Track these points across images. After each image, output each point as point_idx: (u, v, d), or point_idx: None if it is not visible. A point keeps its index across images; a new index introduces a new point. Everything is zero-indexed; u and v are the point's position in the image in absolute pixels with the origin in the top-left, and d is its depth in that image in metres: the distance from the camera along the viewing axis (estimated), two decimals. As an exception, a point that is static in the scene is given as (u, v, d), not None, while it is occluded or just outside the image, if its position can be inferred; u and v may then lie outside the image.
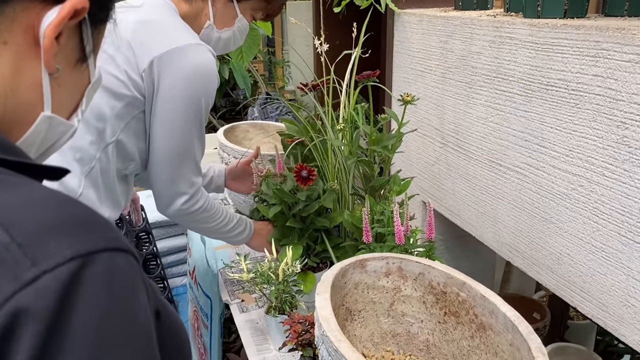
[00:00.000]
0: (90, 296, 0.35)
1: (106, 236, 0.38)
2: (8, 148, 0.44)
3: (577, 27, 0.96)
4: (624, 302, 0.94)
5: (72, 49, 0.50)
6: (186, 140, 1.15)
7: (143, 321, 0.39)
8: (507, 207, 1.22)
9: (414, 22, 1.50)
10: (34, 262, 0.34)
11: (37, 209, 0.37)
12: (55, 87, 0.49)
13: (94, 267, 0.35)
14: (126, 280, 0.38)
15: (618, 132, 0.91)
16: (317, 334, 0.82)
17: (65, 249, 0.35)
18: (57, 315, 0.33)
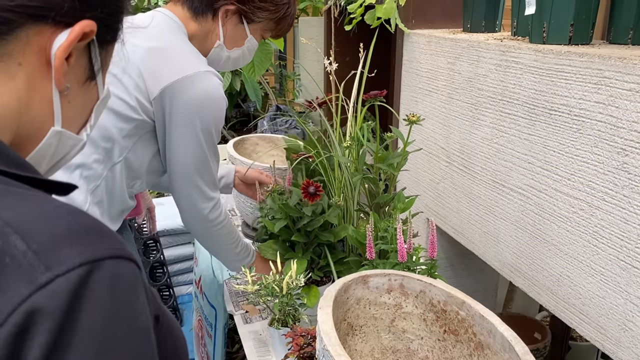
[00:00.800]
0: (97, 298, 0.38)
1: (111, 245, 0.41)
2: (21, 165, 0.47)
3: (580, 54, 0.98)
4: (621, 326, 0.96)
5: (81, 68, 0.53)
6: (200, 161, 1.19)
7: (143, 322, 0.42)
8: (509, 228, 1.24)
9: (423, 42, 1.53)
10: (48, 268, 0.37)
11: (50, 220, 0.40)
12: (65, 103, 0.52)
13: (100, 273, 0.39)
14: (129, 285, 0.41)
15: (618, 159, 0.93)
16: (318, 347, 0.84)
17: (75, 256, 0.38)
18: (68, 314, 0.36)
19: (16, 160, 0.47)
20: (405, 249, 1.09)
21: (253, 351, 1.25)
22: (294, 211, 1.28)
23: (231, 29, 1.25)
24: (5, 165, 0.45)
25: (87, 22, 0.49)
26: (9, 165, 0.45)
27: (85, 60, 0.53)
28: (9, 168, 0.45)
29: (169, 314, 0.54)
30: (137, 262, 0.44)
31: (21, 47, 0.47)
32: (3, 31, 0.46)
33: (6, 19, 0.45)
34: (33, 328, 0.35)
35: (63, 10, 0.48)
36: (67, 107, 0.52)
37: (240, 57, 1.32)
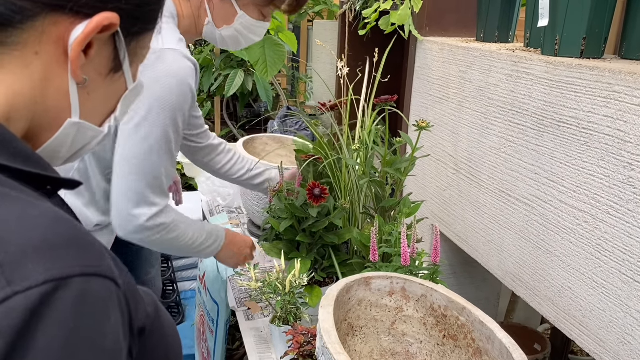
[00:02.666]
0: (57, 317, 0.36)
1: (86, 262, 0.39)
2: (29, 158, 0.46)
3: (591, 68, 0.99)
4: (620, 339, 0.96)
5: (104, 60, 0.51)
6: (146, 152, 1.06)
7: (110, 344, 0.40)
8: (513, 237, 1.24)
9: (436, 50, 1.54)
10: (9, 283, 0.35)
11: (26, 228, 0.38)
12: (84, 95, 0.51)
13: (65, 291, 0.37)
14: (97, 305, 0.39)
15: (624, 173, 0.93)
16: (318, 345, 0.85)
17: (41, 272, 0.36)
18: (21, 334, 0.34)
19: (23, 153, 0.46)
20: (409, 253, 1.10)
21: (254, 348, 1.26)
22: (300, 212, 1.29)
23: (217, 5, 1.18)
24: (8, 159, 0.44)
25: (107, 15, 0.48)
26: (13, 159, 0.44)
27: (109, 51, 0.51)
28: (13, 162, 0.44)
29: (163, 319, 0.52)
30: (115, 279, 0.41)
31: (37, 36, 0.46)
32: (18, 20, 0.45)
33: (22, 8, 0.45)
34: None
35: (82, 1, 0.47)
36: (86, 98, 0.51)
37: (235, 36, 1.23)
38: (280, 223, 1.29)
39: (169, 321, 0.55)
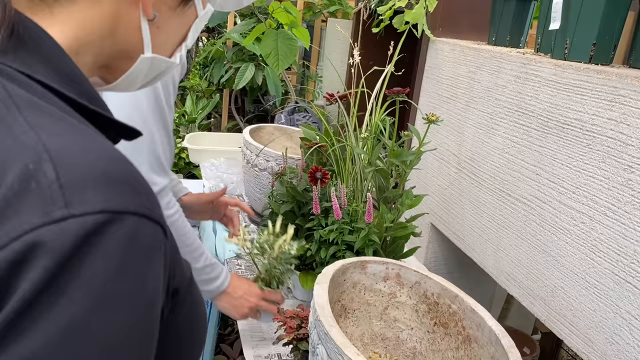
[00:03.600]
0: (106, 250, 0.36)
1: (142, 202, 0.39)
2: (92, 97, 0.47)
3: (598, 71, 1.01)
4: (609, 339, 0.97)
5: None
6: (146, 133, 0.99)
7: (150, 287, 0.39)
8: (510, 237, 1.26)
9: (447, 50, 1.56)
10: (67, 204, 0.35)
11: (91, 158, 0.38)
12: (155, 29, 0.52)
13: (118, 226, 0.37)
14: (145, 248, 0.39)
15: (624, 175, 0.95)
16: (311, 319, 0.87)
17: (99, 201, 0.36)
18: (70, 258, 0.34)
19: (90, 93, 0.46)
20: None
21: (246, 328, 1.27)
22: (301, 195, 1.30)
23: None
24: (76, 93, 0.44)
25: None
26: (79, 95, 0.45)
27: None
28: (78, 97, 0.44)
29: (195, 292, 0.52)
30: (164, 227, 0.41)
31: None
32: None
33: None
34: (31, 261, 0.34)
35: None
36: (156, 32, 0.52)
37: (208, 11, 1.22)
38: (281, 206, 1.31)
39: (201, 297, 0.54)
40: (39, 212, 0.35)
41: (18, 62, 0.42)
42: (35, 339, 0.34)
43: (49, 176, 0.36)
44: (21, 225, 0.34)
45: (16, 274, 0.34)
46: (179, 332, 0.49)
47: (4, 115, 0.39)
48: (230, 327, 2.16)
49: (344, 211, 1.21)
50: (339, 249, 1.24)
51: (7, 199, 0.35)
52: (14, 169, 0.36)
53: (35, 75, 0.42)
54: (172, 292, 0.46)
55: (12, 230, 0.34)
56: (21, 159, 0.36)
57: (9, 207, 0.35)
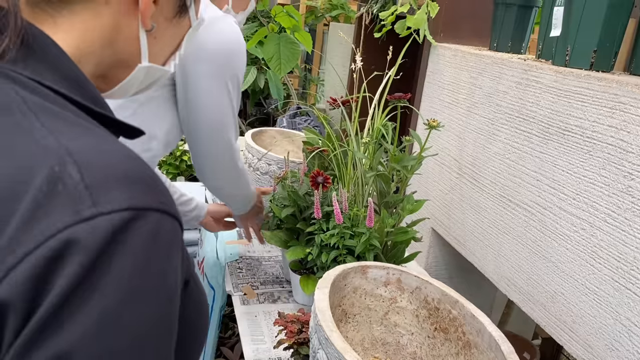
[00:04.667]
0: (133, 245, 0.38)
1: (161, 199, 0.41)
2: (97, 100, 0.48)
3: (599, 78, 1.01)
4: (608, 346, 0.98)
5: (170, 6, 0.55)
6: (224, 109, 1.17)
7: (171, 281, 0.42)
8: (511, 242, 1.26)
9: (449, 55, 1.57)
10: (95, 203, 0.37)
11: (111, 159, 0.41)
12: (152, 39, 0.54)
13: (143, 222, 0.39)
14: (167, 242, 0.41)
15: (624, 182, 0.95)
16: (312, 324, 0.87)
17: (124, 199, 0.38)
18: (102, 253, 0.36)
19: (94, 96, 0.48)
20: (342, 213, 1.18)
21: (247, 330, 1.28)
22: (302, 199, 1.31)
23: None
24: (81, 97, 0.46)
25: None
26: (85, 98, 0.47)
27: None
28: (84, 100, 0.46)
29: (199, 282, 0.54)
30: (181, 222, 0.43)
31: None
32: None
33: None
34: (67, 257, 0.36)
35: None
36: (153, 43, 0.55)
37: (242, 21, 1.32)
38: (282, 209, 1.31)
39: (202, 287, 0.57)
40: (70, 212, 0.37)
41: (28, 70, 0.44)
42: (73, 332, 0.36)
43: (74, 177, 0.38)
44: (55, 224, 0.36)
45: (53, 270, 0.35)
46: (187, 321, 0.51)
47: (21, 121, 0.40)
48: (230, 330, 2.16)
49: (345, 216, 1.22)
50: (340, 253, 1.25)
51: (37, 200, 0.37)
52: (41, 172, 0.38)
53: (45, 81, 0.44)
54: (183, 282, 0.48)
55: (47, 229, 0.36)
56: (46, 162, 0.38)
57: (40, 208, 0.37)
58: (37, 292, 0.35)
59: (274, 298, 1.44)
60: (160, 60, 0.58)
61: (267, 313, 1.36)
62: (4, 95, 0.41)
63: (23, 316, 0.35)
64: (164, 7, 0.54)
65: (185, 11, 0.57)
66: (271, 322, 1.31)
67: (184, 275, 0.47)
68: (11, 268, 0.35)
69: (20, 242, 0.36)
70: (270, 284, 1.50)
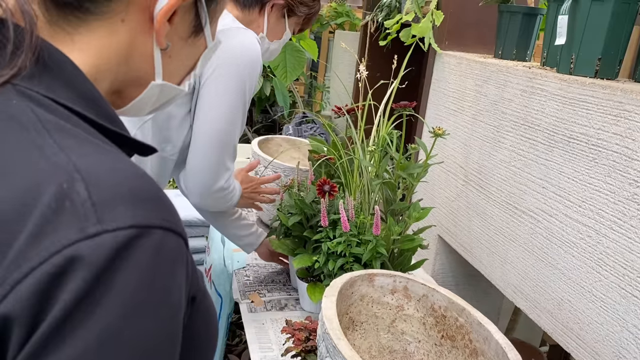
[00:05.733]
0: (136, 262, 0.38)
1: (166, 217, 0.42)
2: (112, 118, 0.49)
3: (604, 86, 1.02)
4: (616, 353, 0.98)
5: (185, 25, 0.54)
6: (230, 123, 1.18)
7: (175, 299, 0.42)
8: (517, 250, 1.27)
9: (454, 63, 1.58)
10: (100, 221, 0.38)
11: (118, 178, 0.41)
12: (166, 58, 0.55)
13: (146, 240, 0.39)
14: (171, 259, 0.41)
15: (630, 190, 0.96)
16: (319, 332, 0.88)
17: (128, 217, 0.39)
18: (105, 270, 0.37)
19: (109, 114, 0.49)
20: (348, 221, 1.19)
21: (255, 338, 1.28)
22: (309, 208, 1.32)
23: (274, 22, 1.29)
24: (95, 115, 0.47)
25: None
26: (99, 116, 0.47)
27: (191, 16, 0.54)
28: (98, 118, 0.47)
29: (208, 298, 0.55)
30: (186, 239, 0.44)
31: (125, 5, 0.49)
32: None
33: None
34: (70, 273, 0.36)
35: None
36: (167, 61, 0.55)
37: (276, 49, 1.35)
38: (289, 218, 1.32)
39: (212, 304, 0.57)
40: (75, 229, 0.37)
41: (44, 87, 0.45)
42: (75, 347, 0.36)
43: (81, 195, 0.38)
44: (60, 240, 0.37)
45: (57, 285, 0.36)
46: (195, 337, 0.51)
47: (35, 138, 0.41)
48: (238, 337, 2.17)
49: (351, 223, 1.22)
50: (346, 261, 1.25)
51: (45, 216, 0.38)
52: (50, 189, 0.38)
53: (60, 99, 0.45)
54: (190, 298, 0.48)
55: (52, 245, 0.37)
56: (55, 179, 0.39)
57: (48, 224, 0.37)
58: (41, 307, 0.36)
59: (281, 305, 1.45)
60: (175, 79, 0.59)
61: (275, 321, 1.37)
62: (20, 114, 0.42)
63: (27, 330, 0.36)
64: (179, 26, 0.54)
65: (201, 31, 0.57)
66: (279, 329, 1.31)
67: (191, 291, 0.47)
68: (17, 283, 0.36)
69: (26, 258, 0.36)
70: (278, 292, 1.51)
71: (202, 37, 0.58)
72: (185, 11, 0.53)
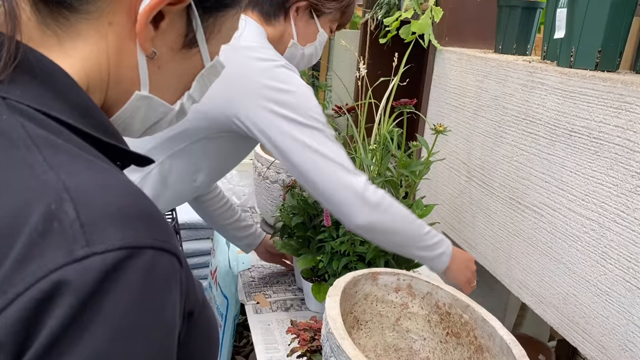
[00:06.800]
0: (127, 284, 0.37)
1: (158, 236, 0.41)
2: (108, 131, 0.47)
3: (604, 79, 1.01)
4: (622, 346, 0.97)
5: (175, 34, 0.51)
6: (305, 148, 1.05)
7: (167, 318, 0.41)
8: (521, 245, 1.26)
9: (454, 59, 1.57)
10: (88, 243, 0.37)
11: (109, 196, 0.40)
12: (154, 68, 0.51)
13: (137, 260, 0.38)
14: (163, 279, 0.40)
15: (632, 182, 0.95)
16: (324, 332, 0.88)
17: (118, 239, 0.38)
18: (93, 294, 0.36)
19: (104, 124, 0.47)
20: None
21: (261, 339, 1.29)
22: (311, 208, 1.32)
23: (303, 26, 1.24)
24: (89, 126, 0.45)
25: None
26: (94, 129, 0.46)
27: (181, 24, 0.51)
28: (92, 130, 0.45)
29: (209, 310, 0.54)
30: (180, 258, 0.43)
31: (113, 6, 0.47)
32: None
33: None
34: (57, 299, 0.35)
35: None
36: (156, 72, 0.52)
37: (313, 53, 1.30)
38: (292, 218, 1.32)
39: (213, 315, 0.56)
40: (63, 251, 0.36)
41: (35, 100, 0.43)
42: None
43: (70, 215, 0.37)
44: (46, 264, 0.36)
45: (43, 311, 0.35)
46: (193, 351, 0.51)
47: (25, 155, 0.40)
48: (245, 339, 2.17)
49: None
50: (350, 260, 1.25)
51: (32, 239, 0.37)
52: (38, 210, 0.38)
53: (52, 112, 0.44)
54: (187, 314, 0.47)
55: (38, 269, 0.36)
56: (44, 199, 0.38)
57: (35, 247, 0.37)
58: (27, 333, 0.35)
59: (287, 306, 1.45)
60: (166, 95, 0.55)
61: (280, 321, 1.37)
62: (11, 130, 0.41)
63: (13, 357, 0.35)
64: (168, 34, 0.51)
65: (195, 46, 0.53)
66: (284, 330, 1.32)
67: (187, 308, 0.47)
68: (2, 309, 0.35)
69: (12, 283, 0.36)
70: (283, 292, 1.51)
71: (196, 53, 0.55)
72: (175, 18, 0.50)
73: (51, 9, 0.46)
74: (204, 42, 0.54)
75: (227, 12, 0.55)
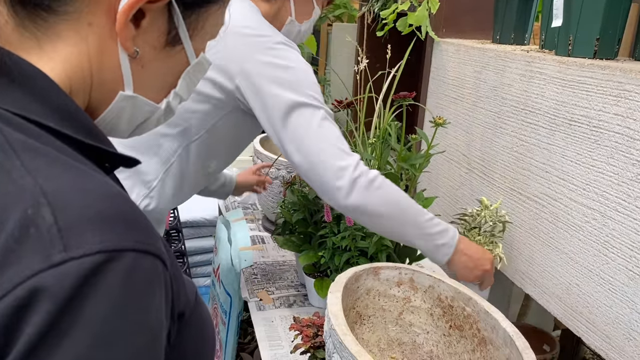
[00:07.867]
0: (106, 288, 0.37)
1: (139, 238, 0.40)
2: (90, 131, 0.46)
3: (602, 67, 1.01)
4: (626, 335, 0.97)
5: (157, 32, 0.50)
6: None
7: (152, 321, 0.40)
8: (523, 235, 1.26)
9: (452, 51, 1.57)
10: (66, 248, 0.36)
11: (88, 199, 0.39)
12: (138, 68, 0.50)
13: (117, 264, 0.37)
14: (145, 281, 0.39)
15: (633, 170, 0.94)
16: (326, 328, 0.88)
17: (96, 242, 0.37)
18: (70, 300, 0.35)
19: (87, 126, 0.46)
20: None
21: (264, 336, 1.29)
22: (312, 204, 1.32)
23: (300, 2, 1.23)
24: (72, 130, 0.45)
25: None
26: (76, 131, 0.45)
27: (163, 23, 0.50)
28: (75, 134, 0.45)
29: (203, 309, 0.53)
30: (164, 259, 0.42)
31: (92, 7, 0.46)
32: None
33: None
34: (34, 305, 0.35)
35: None
36: (139, 71, 0.51)
37: (307, 30, 1.29)
38: (293, 214, 1.32)
39: (207, 313, 0.55)
40: (39, 257, 0.36)
41: (13, 104, 0.43)
42: None
43: (47, 220, 0.37)
44: (23, 271, 0.35)
45: (20, 319, 0.35)
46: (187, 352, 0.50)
47: (2, 160, 0.39)
48: (249, 335, 2.17)
49: None
50: (352, 255, 1.25)
51: (8, 245, 0.36)
52: (14, 215, 0.37)
53: (31, 115, 0.43)
54: (177, 315, 0.46)
55: (15, 276, 0.35)
56: (20, 204, 0.37)
57: (11, 253, 0.36)
58: (5, 340, 0.35)
59: (290, 302, 1.45)
60: (151, 94, 0.54)
61: (284, 318, 1.37)
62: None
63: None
64: (149, 32, 0.50)
65: (178, 43, 0.53)
66: (288, 326, 1.31)
67: (177, 309, 0.46)
68: None
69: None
70: (286, 289, 1.51)
71: (181, 51, 0.54)
72: (156, 16, 0.49)
73: (29, 11, 0.45)
74: (187, 39, 0.53)
75: (210, 7, 0.54)
